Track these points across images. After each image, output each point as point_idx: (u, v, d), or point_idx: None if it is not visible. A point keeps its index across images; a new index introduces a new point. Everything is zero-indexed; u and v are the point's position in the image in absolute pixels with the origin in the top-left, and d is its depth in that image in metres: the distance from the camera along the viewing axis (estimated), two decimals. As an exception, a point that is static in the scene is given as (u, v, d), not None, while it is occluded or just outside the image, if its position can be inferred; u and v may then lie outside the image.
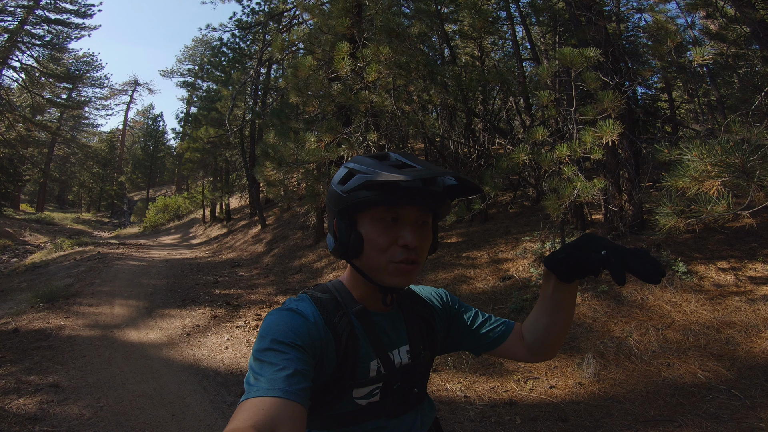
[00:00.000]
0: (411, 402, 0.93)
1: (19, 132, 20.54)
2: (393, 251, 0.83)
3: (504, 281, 5.23)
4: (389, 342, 0.91)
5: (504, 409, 3.07)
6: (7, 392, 3.37)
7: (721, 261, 4.43)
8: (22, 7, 19.29)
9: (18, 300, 6.56)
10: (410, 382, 0.93)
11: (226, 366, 4.18)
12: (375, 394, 0.88)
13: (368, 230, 0.84)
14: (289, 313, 0.81)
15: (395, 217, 0.83)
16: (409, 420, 0.93)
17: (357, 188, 0.82)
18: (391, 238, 0.83)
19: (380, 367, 0.88)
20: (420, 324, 0.99)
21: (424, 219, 0.86)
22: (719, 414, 2.67)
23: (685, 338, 3.55)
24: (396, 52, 5.59)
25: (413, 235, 0.83)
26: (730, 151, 2.35)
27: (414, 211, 0.84)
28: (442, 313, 1.05)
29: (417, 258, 0.84)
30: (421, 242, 0.85)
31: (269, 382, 0.66)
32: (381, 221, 0.83)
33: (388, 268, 0.83)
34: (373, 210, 0.83)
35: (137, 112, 45.86)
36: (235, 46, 16.86)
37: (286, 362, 0.69)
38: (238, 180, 21.56)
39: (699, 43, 5.78)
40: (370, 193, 0.80)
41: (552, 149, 4.31)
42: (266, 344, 0.73)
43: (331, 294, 0.91)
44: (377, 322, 0.91)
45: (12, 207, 25.11)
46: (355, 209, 0.84)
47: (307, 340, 0.76)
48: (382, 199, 0.80)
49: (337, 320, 0.85)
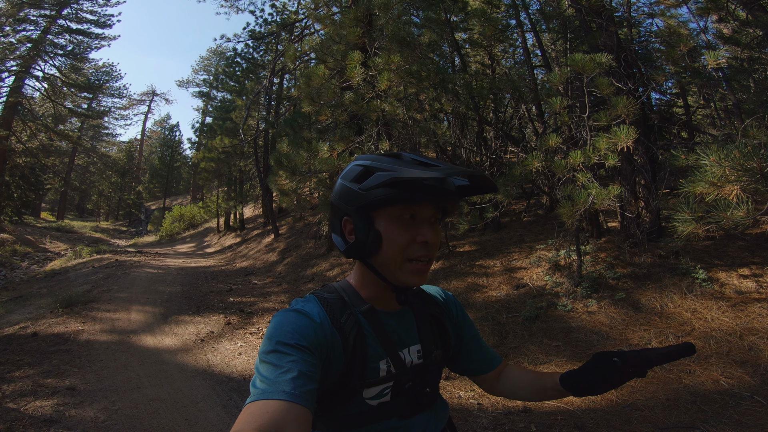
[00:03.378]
0: (423, 402, 0.92)
1: (41, 141, 21.13)
2: (411, 249, 0.83)
3: (518, 289, 5.17)
4: (399, 341, 0.90)
5: (518, 417, 3.02)
6: (24, 394, 3.44)
7: (743, 268, 4.30)
8: (45, 17, 19.92)
9: (38, 305, 6.71)
10: (422, 381, 0.92)
11: (239, 371, 4.21)
12: (386, 394, 0.87)
13: (386, 228, 0.84)
14: (295, 314, 0.81)
15: (413, 214, 0.84)
16: (423, 420, 0.92)
17: (378, 186, 0.81)
18: (411, 236, 0.83)
19: (390, 366, 0.87)
20: (431, 323, 0.98)
21: (437, 216, 0.87)
22: (743, 420, 2.60)
23: (706, 345, 3.46)
24: (407, 61, 5.63)
25: (431, 231, 0.84)
26: (749, 155, 2.30)
27: (430, 208, 0.85)
28: (445, 309, 1.05)
29: (433, 254, 0.86)
30: (437, 240, 0.86)
31: (274, 384, 0.66)
32: (400, 219, 0.83)
33: (405, 266, 0.84)
34: (391, 208, 0.83)
35: (155, 122, 47.03)
36: (249, 56, 17.20)
37: (291, 364, 0.69)
38: (252, 190, 21.81)
39: (712, 47, 5.70)
40: (391, 190, 0.80)
41: (565, 156, 4.28)
42: (272, 346, 0.73)
43: (338, 294, 0.91)
44: (386, 321, 0.91)
45: (33, 215, 25.83)
46: (374, 207, 0.84)
47: (312, 341, 0.76)
48: (404, 197, 0.81)
49: (344, 320, 0.85)
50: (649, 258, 4.76)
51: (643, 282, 4.48)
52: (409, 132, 7.10)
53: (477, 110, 7.08)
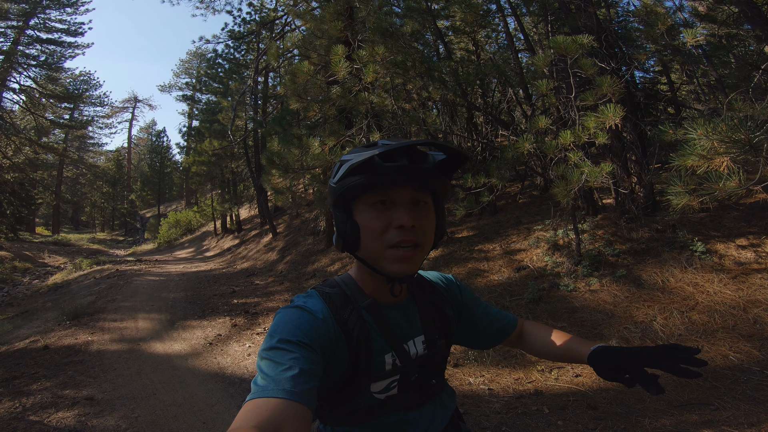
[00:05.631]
0: (429, 393, 0.93)
1: (27, 155, 20.88)
2: (389, 235, 0.81)
3: (519, 272, 5.25)
4: (403, 334, 0.90)
5: (530, 400, 3.08)
6: (45, 406, 3.49)
7: (740, 238, 4.34)
8: (12, 28, 19.62)
9: (44, 319, 6.74)
10: (428, 373, 0.92)
11: (251, 372, 4.27)
12: (393, 387, 0.88)
13: (363, 217, 0.82)
14: (297, 310, 0.80)
15: (386, 199, 0.81)
16: (429, 411, 0.92)
17: (344, 176, 0.81)
18: (385, 222, 0.81)
19: (396, 359, 0.87)
20: (434, 313, 0.98)
21: (419, 198, 0.84)
22: (756, 396, 2.62)
23: (711, 320, 3.49)
24: (391, 52, 5.63)
25: (408, 214, 0.80)
26: (736, 127, 2.36)
27: (407, 191, 0.82)
28: (447, 295, 1.05)
29: (416, 239, 0.82)
30: (420, 221, 0.82)
31: (275, 382, 0.66)
32: (373, 206, 0.82)
33: (387, 254, 0.81)
34: (365, 196, 0.82)
35: (140, 129, 46.37)
36: (231, 57, 17.03)
37: (293, 361, 0.69)
38: (246, 190, 21.76)
39: (690, 25, 5.74)
40: (356, 177, 0.80)
41: (556, 137, 4.33)
42: (273, 343, 0.73)
43: (340, 288, 0.90)
44: (389, 314, 0.90)
45: (28, 231, 25.59)
46: (348, 198, 0.83)
47: (314, 338, 0.76)
48: (370, 182, 0.79)
49: (347, 316, 0.84)
50: (647, 233, 4.83)
51: (643, 257, 4.53)
52: (399, 122, 7.13)
53: (465, 96, 7.10)
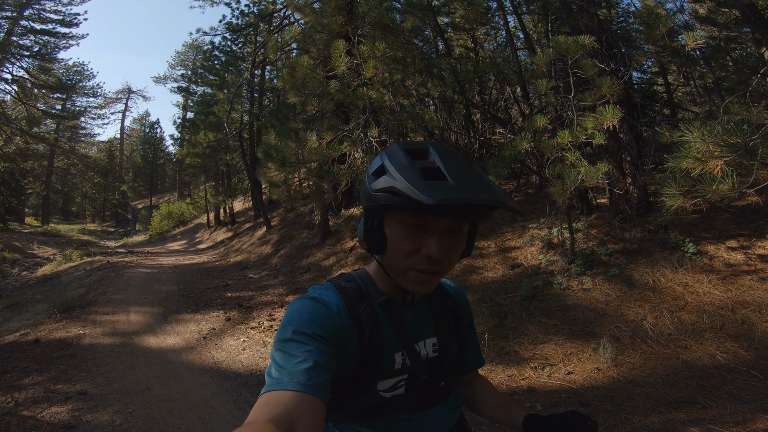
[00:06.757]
0: (438, 395, 0.92)
1: (18, 145, 20.65)
2: (415, 259, 0.78)
3: (513, 269, 5.29)
4: (415, 334, 0.89)
5: (523, 397, 3.13)
6: (38, 401, 3.46)
7: (730, 240, 4.41)
8: (7, 18, 19.47)
9: (34, 311, 6.67)
10: (437, 375, 0.91)
11: (245, 367, 4.28)
12: (400, 386, 0.87)
13: (393, 232, 0.79)
14: (312, 302, 0.80)
15: (422, 224, 0.77)
16: (437, 414, 0.92)
17: (382, 190, 0.76)
18: (415, 246, 0.77)
19: (405, 359, 0.86)
20: (448, 316, 0.97)
21: (456, 227, 0.79)
22: (742, 395, 2.68)
23: (700, 320, 3.57)
24: (391, 48, 5.62)
25: (438, 246, 0.76)
26: (731, 131, 2.39)
27: (445, 221, 0.77)
28: (460, 302, 1.04)
29: (440, 269, 0.79)
30: (449, 252, 0.79)
31: (290, 375, 0.66)
32: (407, 226, 0.77)
33: (408, 274, 0.80)
34: (401, 213, 0.77)
35: (133, 120, 45.96)
36: (227, 49, 16.84)
37: (307, 354, 0.69)
38: (240, 183, 21.61)
39: (690, 28, 5.78)
40: (394, 197, 0.74)
41: (553, 136, 4.35)
42: (288, 334, 0.72)
43: (356, 284, 0.89)
44: (403, 313, 0.89)
45: (17, 221, 25.29)
46: (382, 209, 0.80)
47: (329, 330, 0.75)
48: (407, 207, 0.74)
49: (361, 310, 0.84)
50: (639, 233, 4.89)
51: (635, 257, 4.60)
52: (397, 118, 7.10)
53: (463, 94, 7.10)
